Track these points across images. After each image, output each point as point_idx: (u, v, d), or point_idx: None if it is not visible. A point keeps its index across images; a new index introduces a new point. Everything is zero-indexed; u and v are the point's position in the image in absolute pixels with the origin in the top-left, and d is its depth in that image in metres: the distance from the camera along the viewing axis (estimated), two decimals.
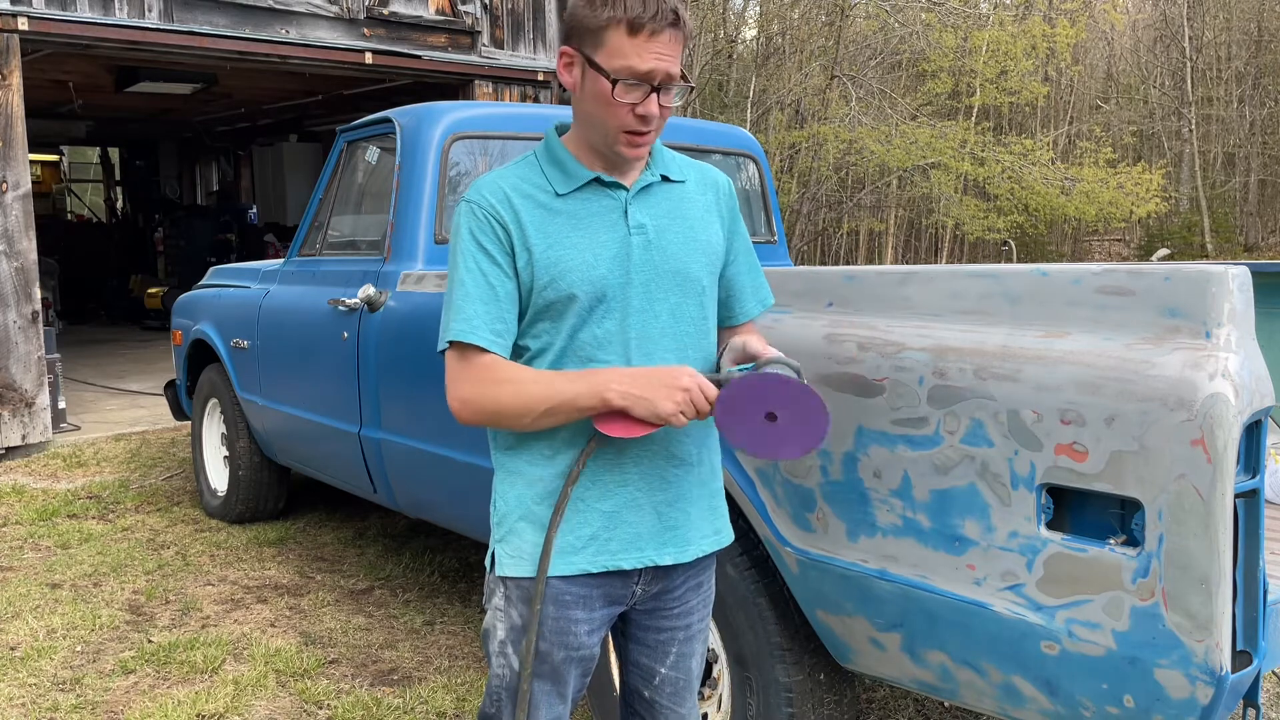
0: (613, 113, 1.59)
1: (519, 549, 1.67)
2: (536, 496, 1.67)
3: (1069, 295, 1.79)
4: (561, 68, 1.63)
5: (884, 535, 2.00)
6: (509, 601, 1.68)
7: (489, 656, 1.73)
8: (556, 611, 1.66)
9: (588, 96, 1.60)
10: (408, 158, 3.65)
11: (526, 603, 1.67)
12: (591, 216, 1.65)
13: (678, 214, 1.72)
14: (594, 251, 1.63)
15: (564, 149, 1.68)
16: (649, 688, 1.81)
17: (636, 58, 1.55)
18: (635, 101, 1.57)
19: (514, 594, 1.67)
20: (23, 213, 6.59)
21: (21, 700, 3.20)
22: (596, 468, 1.66)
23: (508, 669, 1.69)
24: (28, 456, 6.61)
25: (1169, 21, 26.04)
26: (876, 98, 17.05)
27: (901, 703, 3.16)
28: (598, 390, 1.56)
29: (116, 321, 14.50)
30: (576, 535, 1.66)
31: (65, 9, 6.76)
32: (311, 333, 3.99)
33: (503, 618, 1.69)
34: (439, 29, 8.62)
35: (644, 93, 1.57)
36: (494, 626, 1.70)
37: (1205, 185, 24.17)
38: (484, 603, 1.75)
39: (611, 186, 1.67)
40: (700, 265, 1.71)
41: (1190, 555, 1.60)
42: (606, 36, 1.55)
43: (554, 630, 1.67)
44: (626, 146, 1.62)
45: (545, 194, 1.65)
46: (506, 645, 1.68)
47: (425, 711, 3.11)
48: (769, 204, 4.53)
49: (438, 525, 3.64)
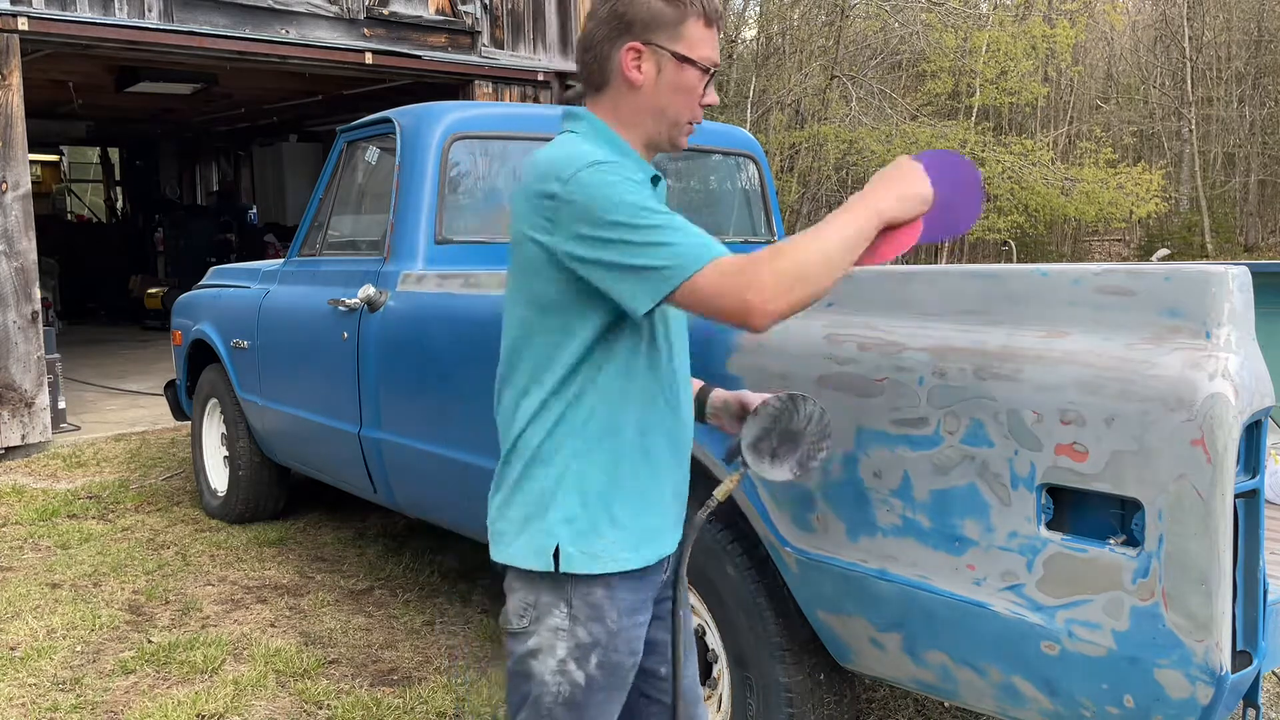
0: (688, 103, 1.61)
1: (594, 546, 1.60)
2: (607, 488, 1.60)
3: (1069, 295, 1.79)
4: (629, 64, 1.59)
5: (884, 535, 2.00)
6: (575, 620, 1.62)
7: (537, 676, 1.64)
8: (628, 621, 1.65)
9: (665, 89, 1.60)
10: (408, 158, 3.65)
11: (599, 620, 1.61)
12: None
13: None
14: None
15: (625, 142, 1.64)
16: (665, 664, 1.82)
17: (710, 48, 1.61)
18: (702, 90, 1.62)
19: (583, 613, 1.61)
20: (23, 213, 6.59)
21: (21, 700, 3.20)
22: (660, 455, 1.65)
23: (568, 684, 1.63)
24: (28, 456, 6.62)
25: (1169, 21, 26.05)
26: (876, 98, 17.06)
27: (901, 703, 3.16)
28: (873, 213, 1.50)
29: (116, 321, 14.49)
30: (642, 526, 1.63)
31: (65, 9, 6.76)
32: (311, 333, 3.99)
33: (565, 636, 1.62)
34: (439, 29, 8.62)
35: (707, 82, 1.62)
36: (551, 646, 1.63)
37: (1205, 185, 24.17)
38: (519, 623, 1.65)
39: (656, 184, 1.66)
40: None
41: (1190, 555, 1.60)
42: (686, 29, 1.58)
43: (625, 641, 1.65)
44: (683, 136, 1.66)
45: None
46: (568, 662, 1.63)
47: (425, 711, 3.11)
48: (769, 204, 4.53)
49: (438, 525, 3.64)
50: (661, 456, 1.66)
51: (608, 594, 1.62)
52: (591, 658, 1.63)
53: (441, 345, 3.27)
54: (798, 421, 1.65)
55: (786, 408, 1.64)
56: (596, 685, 1.65)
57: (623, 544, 1.62)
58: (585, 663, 1.63)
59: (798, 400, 1.65)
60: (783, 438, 1.65)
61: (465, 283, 3.26)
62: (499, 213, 3.90)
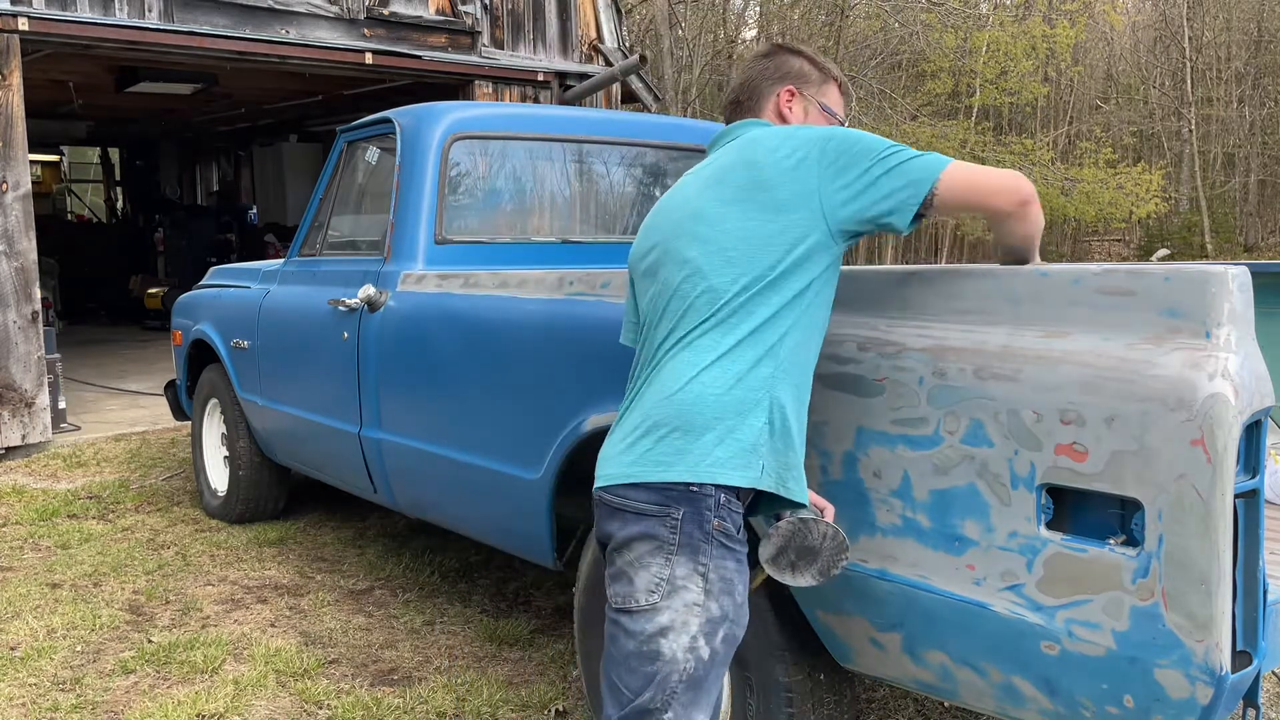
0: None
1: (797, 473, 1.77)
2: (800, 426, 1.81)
3: (1069, 295, 1.79)
4: (785, 103, 2.07)
5: (884, 535, 2.00)
6: (709, 595, 1.69)
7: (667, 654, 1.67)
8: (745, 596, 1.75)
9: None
10: (408, 158, 3.65)
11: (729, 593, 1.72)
12: None
13: None
14: None
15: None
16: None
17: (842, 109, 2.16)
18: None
19: (716, 586, 1.70)
20: (23, 213, 6.59)
21: (21, 700, 3.20)
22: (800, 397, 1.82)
23: (694, 661, 1.68)
24: (28, 456, 6.62)
25: (1169, 22, 26.06)
26: (876, 98, 17.05)
27: (901, 703, 3.16)
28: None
29: (116, 321, 14.49)
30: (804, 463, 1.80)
31: (65, 9, 6.76)
32: (312, 333, 3.99)
33: (699, 611, 1.69)
34: (439, 29, 8.62)
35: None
36: (683, 623, 1.67)
37: (1205, 185, 24.18)
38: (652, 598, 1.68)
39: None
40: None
41: (1190, 555, 1.60)
42: (828, 89, 2.13)
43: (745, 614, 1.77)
44: None
45: None
46: (699, 638, 1.68)
47: (425, 711, 3.11)
48: None
49: (438, 525, 3.64)
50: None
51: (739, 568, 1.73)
52: (719, 632, 1.70)
53: (442, 345, 3.27)
54: (812, 540, 1.75)
55: (799, 530, 1.74)
56: (719, 660, 1.71)
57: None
58: (713, 638, 1.69)
59: (809, 524, 1.75)
60: (800, 553, 1.75)
61: (465, 283, 3.26)
62: (499, 213, 3.90)
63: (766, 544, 1.74)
